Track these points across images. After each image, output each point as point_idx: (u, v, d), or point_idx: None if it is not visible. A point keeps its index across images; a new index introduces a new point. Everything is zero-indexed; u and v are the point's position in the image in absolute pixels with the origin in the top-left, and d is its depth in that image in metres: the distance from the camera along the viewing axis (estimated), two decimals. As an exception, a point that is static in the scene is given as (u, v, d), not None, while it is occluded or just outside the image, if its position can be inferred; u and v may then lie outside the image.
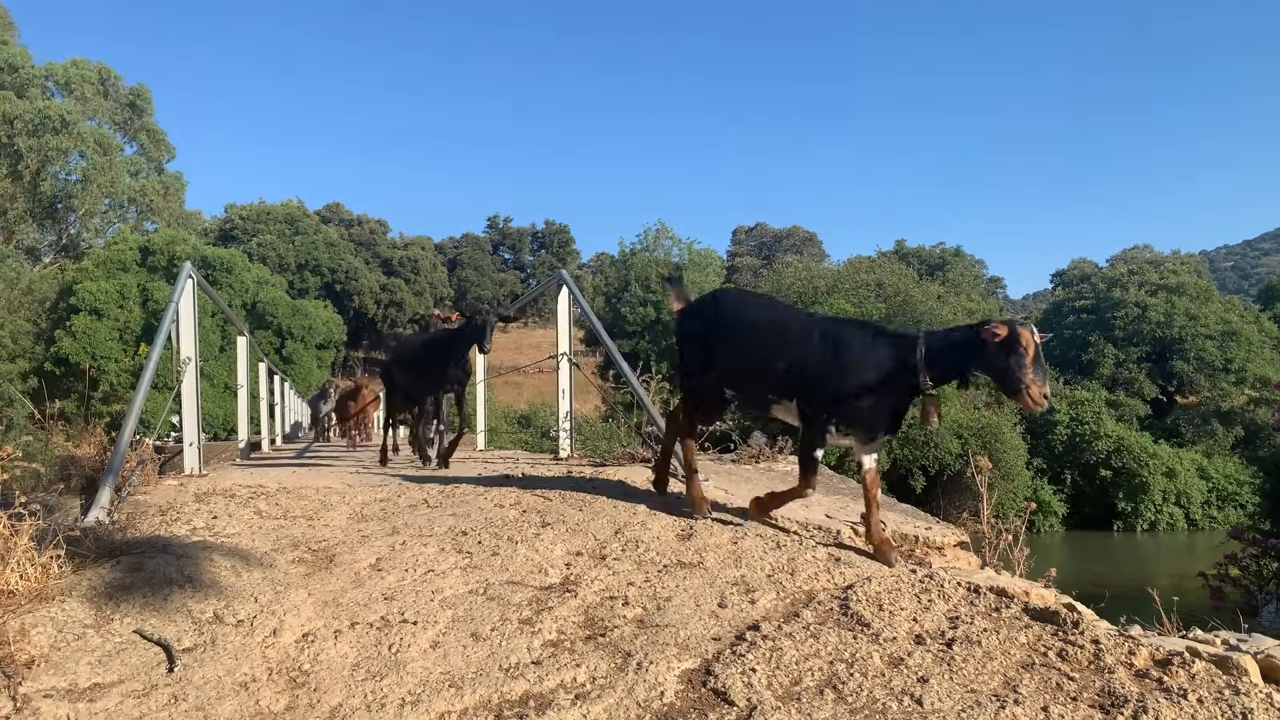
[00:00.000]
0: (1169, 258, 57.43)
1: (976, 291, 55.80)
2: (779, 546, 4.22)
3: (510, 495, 5.21)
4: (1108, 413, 43.20)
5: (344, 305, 68.73)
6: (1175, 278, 51.29)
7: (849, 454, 19.87)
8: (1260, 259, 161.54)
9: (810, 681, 2.92)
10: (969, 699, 2.80)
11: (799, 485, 4.31)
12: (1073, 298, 56.87)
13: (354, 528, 4.63)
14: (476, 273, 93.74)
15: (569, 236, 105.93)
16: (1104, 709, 2.80)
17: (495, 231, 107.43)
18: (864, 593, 3.62)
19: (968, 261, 61.89)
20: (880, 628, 3.32)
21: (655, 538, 4.30)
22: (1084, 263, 69.11)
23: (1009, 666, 3.06)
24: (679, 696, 2.87)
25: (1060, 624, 3.38)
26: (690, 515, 4.60)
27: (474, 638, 3.23)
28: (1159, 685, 2.94)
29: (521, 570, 3.89)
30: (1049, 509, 39.34)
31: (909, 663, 3.04)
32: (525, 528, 4.46)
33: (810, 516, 4.75)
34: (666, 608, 3.51)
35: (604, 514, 4.67)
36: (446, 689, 2.87)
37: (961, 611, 3.51)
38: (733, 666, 2.99)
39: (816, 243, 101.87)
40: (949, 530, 4.66)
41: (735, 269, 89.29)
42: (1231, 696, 2.84)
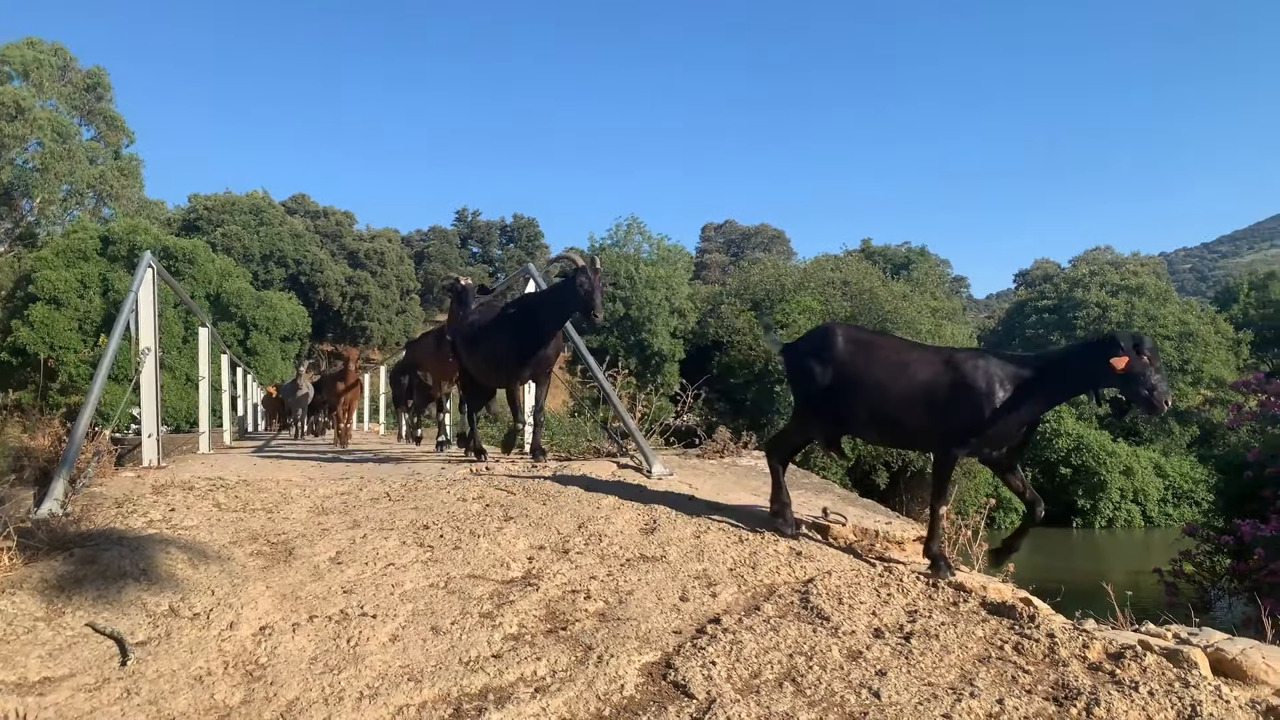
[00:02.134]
0: (1129, 259, 58.19)
1: (941, 290, 56.28)
2: (742, 540, 4.24)
3: (474, 489, 5.19)
4: (1068, 411, 43.77)
5: (309, 297, 67.88)
6: (1135, 279, 52.03)
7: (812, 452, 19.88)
8: (1218, 261, 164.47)
9: (769, 674, 2.94)
10: (926, 692, 2.83)
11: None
12: (1035, 297, 57.50)
13: (314, 521, 4.59)
14: (444, 266, 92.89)
15: (538, 230, 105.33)
16: (1058, 701, 2.84)
17: (463, 224, 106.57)
18: (824, 586, 3.65)
19: (932, 261, 62.30)
20: (839, 621, 3.35)
21: (619, 532, 4.30)
22: (1046, 263, 69.92)
23: (966, 660, 3.10)
24: (639, 689, 2.87)
25: (1016, 618, 3.43)
26: (653, 509, 4.61)
27: (434, 631, 3.21)
28: (1111, 678, 2.99)
29: (483, 564, 3.88)
30: (1010, 506, 39.72)
31: (867, 656, 3.07)
32: (488, 522, 4.44)
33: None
34: (628, 601, 3.52)
35: (568, 508, 4.66)
36: (405, 682, 2.85)
37: (920, 605, 3.55)
38: (693, 659, 2.99)
39: (784, 240, 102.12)
40: (909, 525, 4.71)
41: (704, 265, 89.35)
42: (1181, 689, 2.89)
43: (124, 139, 43.95)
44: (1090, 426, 43.78)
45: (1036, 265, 71.21)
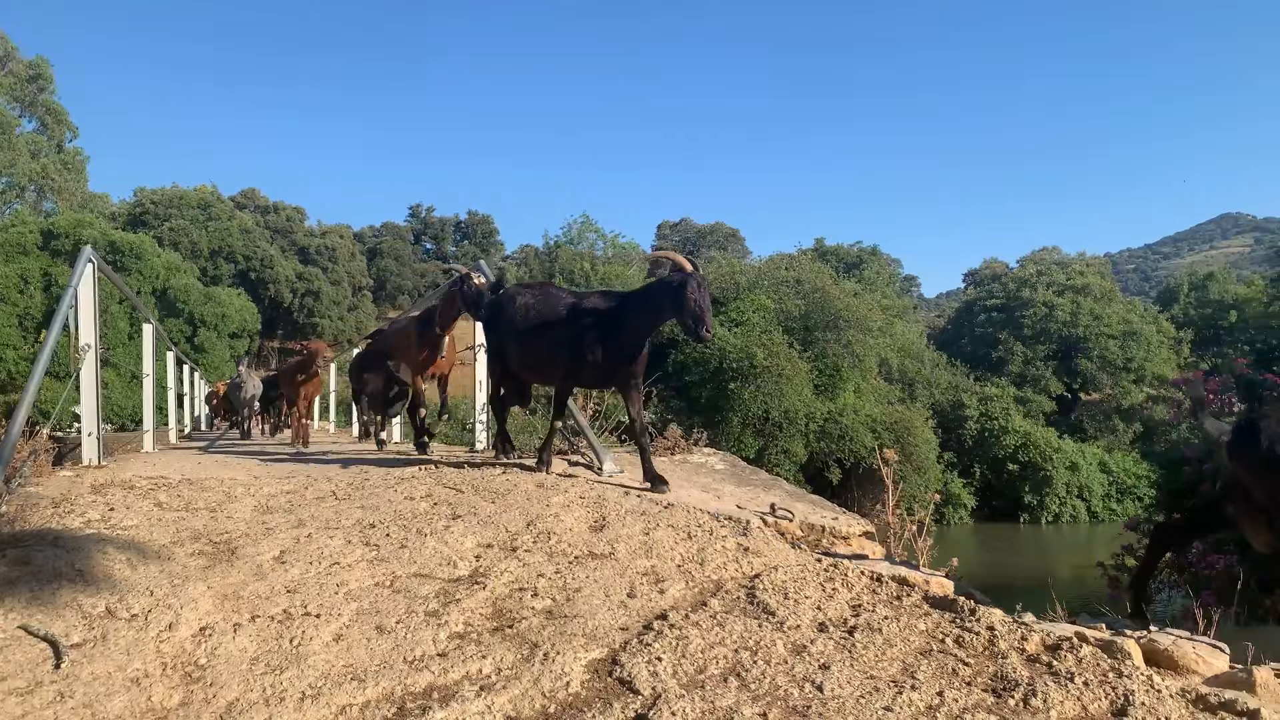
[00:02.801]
0: (1075, 259, 59.37)
1: (892, 289, 57.02)
2: (690, 537, 4.26)
3: (421, 488, 5.16)
4: (1016, 408, 44.59)
5: (259, 294, 66.90)
6: (1081, 279, 53.14)
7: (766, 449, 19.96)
8: (1160, 262, 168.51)
9: (715, 669, 2.96)
10: (868, 685, 2.86)
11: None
12: (984, 297, 58.50)
13: (259, 520, 4.53)
14: (397, 262, 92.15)
15: (493, 227, 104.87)
16: (996, 693, 2.90)
17: (417, 221, 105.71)
18: (770, 582, 3.68)
19: (884, 260, 63.11)
20: (785, 616, 3.38)
21: (568, 529, 4.30)
22: (995, 263, 71.16)
23: (908, 653, 3.15)
24: (585, 686, 2.87)
25: (958, 612, 3.49)
26: (603, 507, 4.62)
27: (379, 630, 3.18)
28: (1049, 669, 3.05)
29: (430, 563, 3.86)
30: (959, 501, 40.49)
31: (811, 650, 3.10)
32: (435, 520, 4.41)
33: (722, 507, 4.80)
34: (576, 599, 3.52)
35: (516, 506, 4.65)
36: (349, 681, 2.83)
37: (864, 600, 3.60)
38: (639, 656, 3.00)
39: (740, 239, 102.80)
40: (855, 520, 4.77)
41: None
42: (1115, 679, 2.96)
43: (67, 133, 42.94)
44: (1037, 424, 44.68)
45: (985, 265, 72.45)
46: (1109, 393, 50.48)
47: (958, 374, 45.27)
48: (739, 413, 34.53)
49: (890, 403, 38.62)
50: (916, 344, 45.93)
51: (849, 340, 37.73)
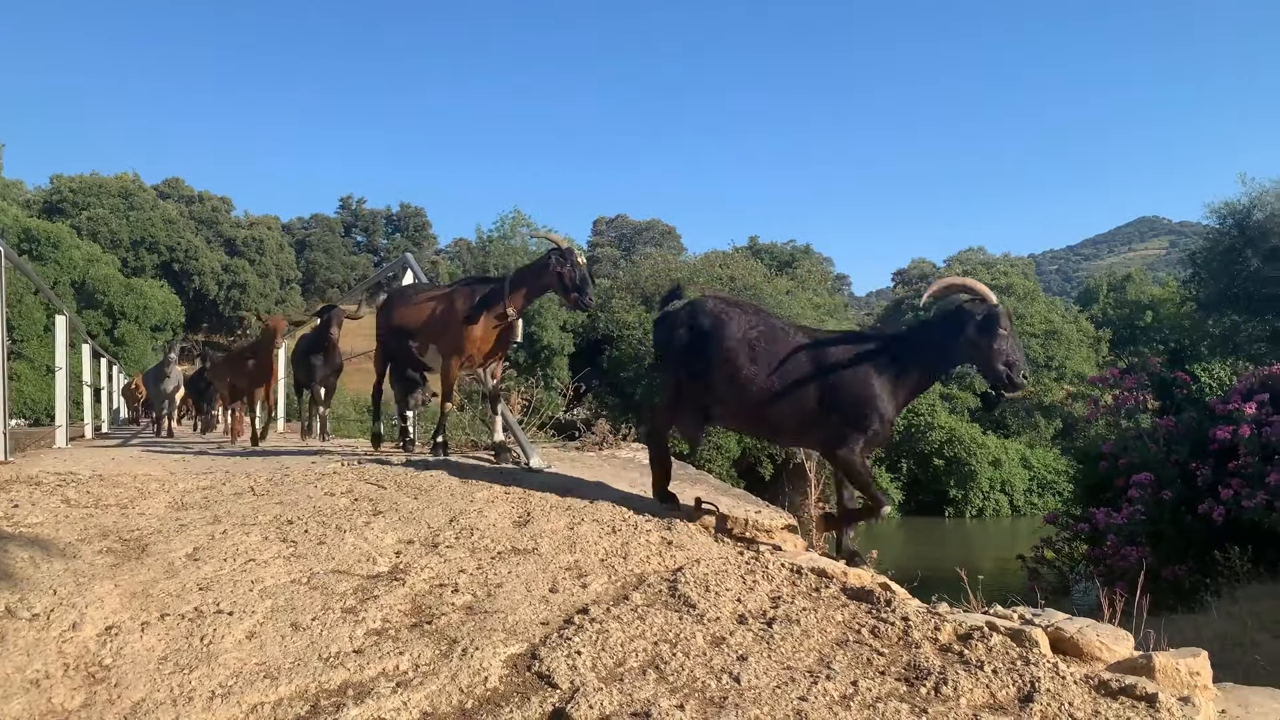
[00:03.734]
0: (1000, 259, 60.97)
1: (823, 288, 57.80)
2: (615, 531, 4.27)
3: (343, 483, 5.08)
4: (941, 405, 45.59)
5: (183, 286, 65.17)
6: (1005, 278, 54.48)
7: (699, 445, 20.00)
8: (1081, 264, 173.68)
9: (634, 662, 2.97)
10: (784, 675, 2.90)
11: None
12: (912, 295, 59.72)
13: (172, 516, 4.41)
14: (326, 255, 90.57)
15: (425, 220, 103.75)
16: (909, 681, 2.96)
17: (348, 213, 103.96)
18: (692, 575, 3.71)
19: (816, 259, 64.01)
20: (705, 608, 3.40)
21: (491, 525, 4.28)
22: (923, 263, 72.73)
23: (825, 643, 3.20)
24: (503, 681, 2.86)
25: (874, 602, 3.55)
26: (528, 502, 4.60)
27: (293, 627, 3.13)
28: (960, 658, 3.13)
29: (349, 559, 3.80)
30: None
31: (730, 642, 3.14)
32: (355, 516, 4.35)
33: (645, 504, 4.81)
34: (497, 594, 3.50)
35: (440, 502, 4.61)
36: (261, 680, 2.77)
37: (784, 592, 3.64)
38: (559, 650, 3.00)
39: (675, 236, 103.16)
40: (778, 514, 4.81)
41: (595, 259, 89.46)
42: (1022, 666, 3.05)
43: (-24, 116, 41.20)
44: (962, 420, 45.70)
45: (913, 265, 73.95)
46: (1031, 390, 51.88)
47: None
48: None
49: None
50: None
51: (781, 337, 38.11)
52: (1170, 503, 13.62)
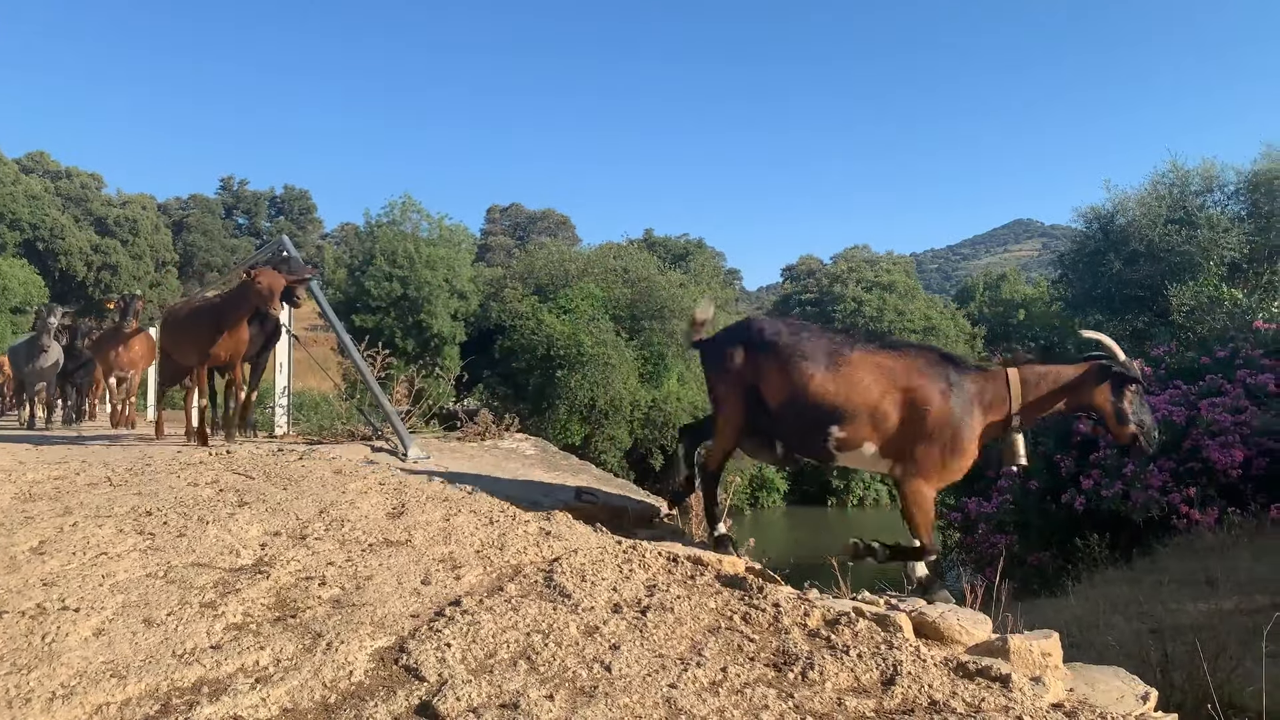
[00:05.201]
0: (883, 258, 62.79)
1: (716, 282, 58.58)
2: (492, 522, 4.22)
3: (208, 473, 4.87)
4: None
5: (47, 266, 61.67)
6: (888, 276, 56.32)
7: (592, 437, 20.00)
8: (960, 263, 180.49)
9: (505, 654, 2.94)
10: (655, 663, 2.91)
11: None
12: (799, 291, 61.13)
13: (17, 508, 4.15)
14: (205, 237, 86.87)
15: (310, 203, 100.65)
16: (777, 667, 3.01)
17: (228, 194, 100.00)
18: (569, 565, 3.69)
19: (709, 253, 64.80)
20: (580, 598, 3.39)
21: (363, 516, 4.17)
22: (811, 259, 74.40)
23: (697, 631, 3.22)
24: (369, 675, 2.79)
25: (747, 589, 3.60)
26: (403, 493, 4.50)
27: (146, 623, 2.98)
28: (827, 643, 3.20)
29: (210, 551, 3.65)
30: (772, 486, 42.14)
31: (603, 631, 3.13)
32: (219, 507, 4.18)
33: (526, 494, 4.77)
34: (366, 587, 3.41)
35: (310, 493, 4.47)
36: (108, 679, 2.63)
37: (659, 580, 3.66)
38: (427, 642, 2.94)
39: (570, 227, 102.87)
40: (660, 503, 4.84)
41: (488, 248, 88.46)
42: (886, 650, 3.14)
43: None
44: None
45: (802, 261, 75.59)
46: (911, 383, 53.71)
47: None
48: (566, 400, 34.60)
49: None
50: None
51: (673, 329, 38.46)
52: (1036, 493, 14.30)
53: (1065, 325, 25.00)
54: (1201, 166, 20.94)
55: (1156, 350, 16.24)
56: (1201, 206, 20.50)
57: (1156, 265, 19.45)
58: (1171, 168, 21.01)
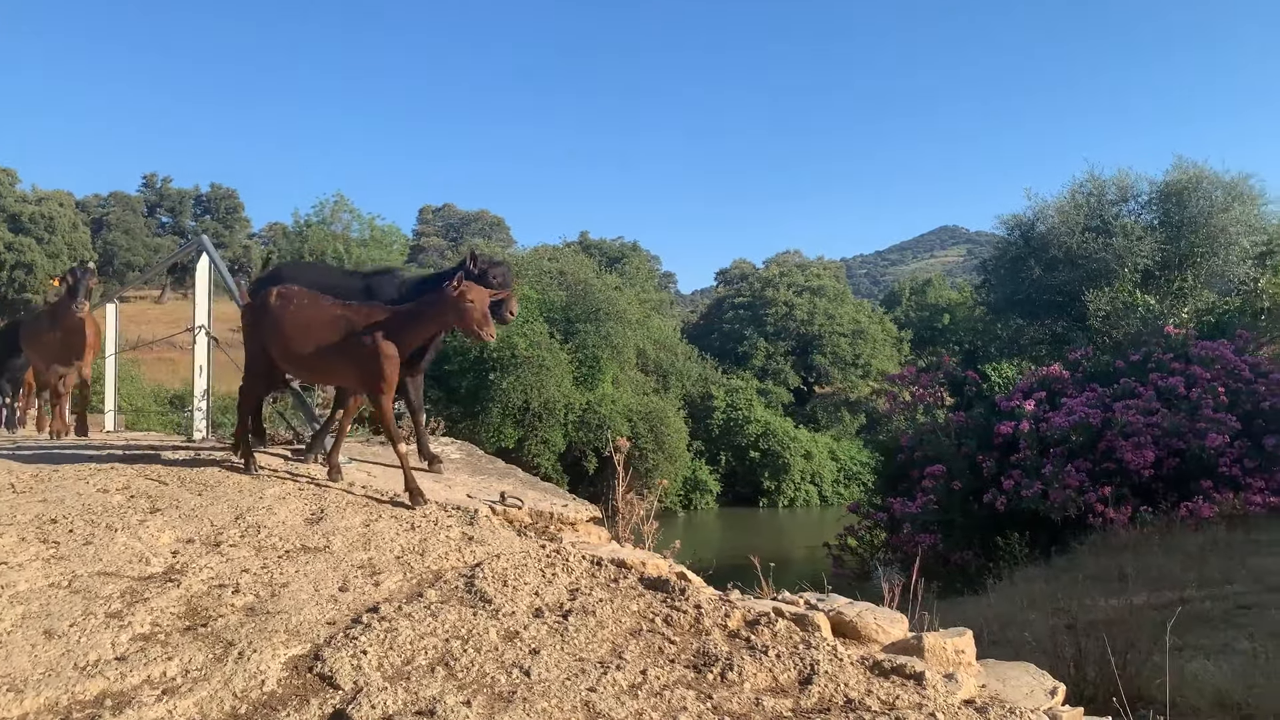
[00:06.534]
0: (814, 263, 63.79)
1: (651, 285, 58.80)
2: (414, 528, 4.17)
3: (119, 479, 4.72)
4: (758, 400, 47.22)
5: (-45, 264, 59.25)
6: (818, 280, 57.09)
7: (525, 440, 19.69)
8: (888, 268, 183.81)
9: (423, 660, 2.91)
10: (575, 667, 2.91)
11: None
12: (732, 295, 61.62)
13: (-89, 519, 3.98)
14: (127, 236, 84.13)
15: (238, 202, 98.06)
16: (697, 668, 3.03)
17: (151, 191, 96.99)
18: (491, 570, 3.66)
19: (644, 256, 65.04)
20: (502, 603, 3.37)
21: (281, 522, 4.09)
22: (744, 263, 75.09)
23: (618, 634, 3.23)
24: (281, 684, 2.73)
25: (670, 592, 3.62)
26: (322, 498, 4.42)
27: (47, 635, 2.88)
28: (747, 643, 3.23)
29: (118, 560, 3.54)
30: (705, 487, 42.36)
31: (524, 636, 3.12)
32: (130, 514, 4.06)
33: (453, 497, 4.73)
34: (282, 594, 3.34)
35: (226, 499, 4.36)
36: (3, 693, 2.54)
37: (582, 584, 3.65)
38: (343, 650, 2.90)
39: (505, 228, 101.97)
40: (584, 506, 4.84)
41: (421, 249, 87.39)
42: (804, 649, 3.18)
43: None
44: (777, 414, 47.52)
45: (735, 265, 76.23)
46: (839, 386, 54.59)
47: (707, 367, 47.29)
48: (499, 403, 34.29)
49: (645, 393, 39.72)
50: (671, 337, 47.48)
51: (608, 332, 38.42)
52: (960, 493, 14.65)
53: (988, 329, 25.60)
54: (1117, 177, 21.67)
55: (1074, 354, 16.77)
56: (1117, 215, 21.18)
57: (1074, 271, 20.03)
58: (1089, 178, 21.70)
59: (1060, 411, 14.32)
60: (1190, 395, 13.78)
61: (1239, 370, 14.17)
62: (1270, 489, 12.68)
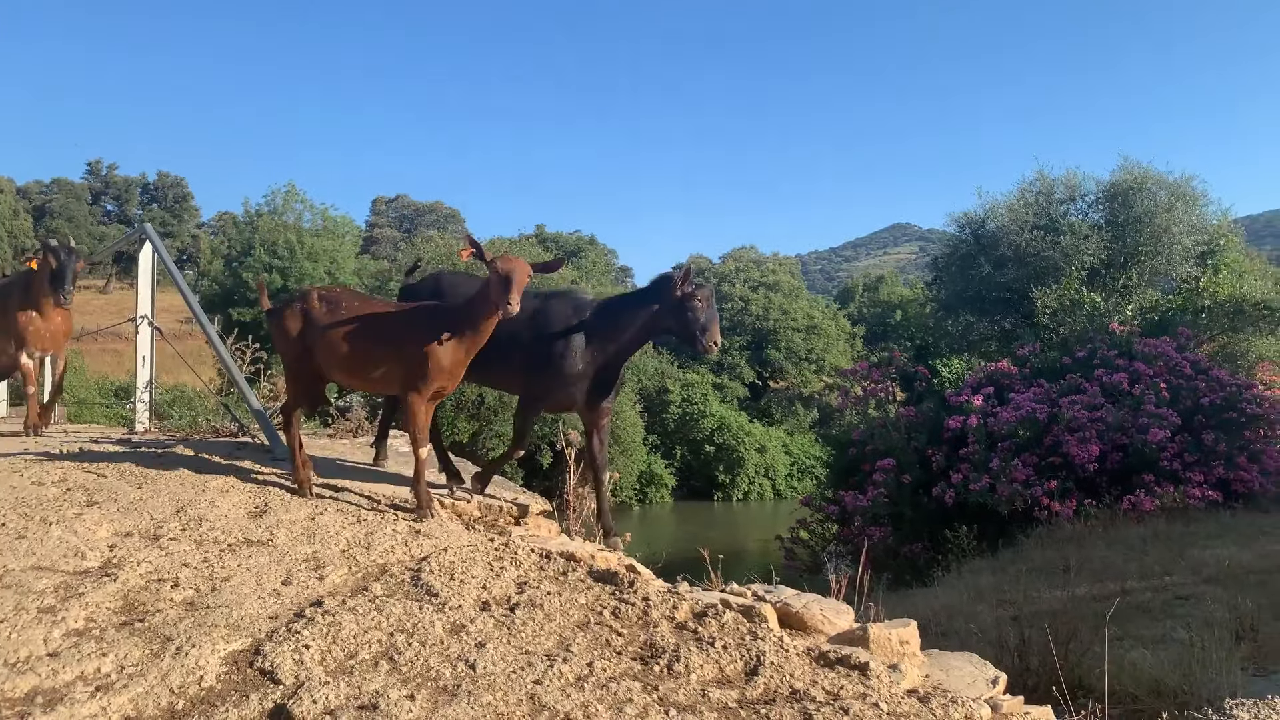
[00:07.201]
0: (770, 258, 63.94)
1: (608, 278, 58.67)
2: (360, 521, 4.11)
3: (56, 472, 4.59)
4: (714, 394, 47.41)
5: (-113, 251, 57.39)
6: (774, 276, 57.38)
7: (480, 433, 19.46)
8: (842, 264, 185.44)
9: (366, 654, 2.87)
10: (521, 660, 2.89)
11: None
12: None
13: None
14: (70, 225, 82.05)
15: (187, 191, 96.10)
16: (644, 660, 3.03)
17: (96, 179, 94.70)
18: (438, 563, 3.63)
19: (601, 250, 64.90)
20: (448, 597, 3.34)
21: (223, 515, 4.01)
22: (700, 258, 75.16)
23: (566, 627, 3.22)
24: (221, 679, 2.69)
25: (619, 584, 3.61)
26: (267, 491, 4.34)
27: (-25, 632, 2.80)
28: (694, 635, 3.24)
29: (53, 554, 3.45)
30: (661, 482, 42.46)
31: (470, 629, 3.09)
32: (66, 507, 3.95)
33: (399, 490, 4.68)
34: (223, 588, 3.28)
35: (167, 491, 4.27)
36: (-72, 693, 2.46)
37: (530, 577, 3.63)
38: (285, 644, 2.85)
39: (460, 220, 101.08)
40: (534, 500, 4.82)
41: (374, 240, 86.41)
42: (751, 641, 3.20)
43: None
44: (732, 409, 47.75)
45: (692, 259, 76.26)
46: (793, 381, 54.98)
47: (663, 361, 47.37)
48: (453, 396, 34.05)
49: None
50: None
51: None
52: (910, 486, 14.82)
53: (938, 325, 25.89)
54: (1065, 176, 22.00)
55: (1022, 350, 17.03)
56: (1065, 214, 21.52)
57: (1023, 269, 20.34)
58: (1038, 177, 22.00)
59: (1008, 407, 14.56)
60: (1134, 391, 14.08)
61: (1180, 367, 14.50)
62: (1209, 483, 13.01)
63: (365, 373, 4.50)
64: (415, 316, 4.39)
